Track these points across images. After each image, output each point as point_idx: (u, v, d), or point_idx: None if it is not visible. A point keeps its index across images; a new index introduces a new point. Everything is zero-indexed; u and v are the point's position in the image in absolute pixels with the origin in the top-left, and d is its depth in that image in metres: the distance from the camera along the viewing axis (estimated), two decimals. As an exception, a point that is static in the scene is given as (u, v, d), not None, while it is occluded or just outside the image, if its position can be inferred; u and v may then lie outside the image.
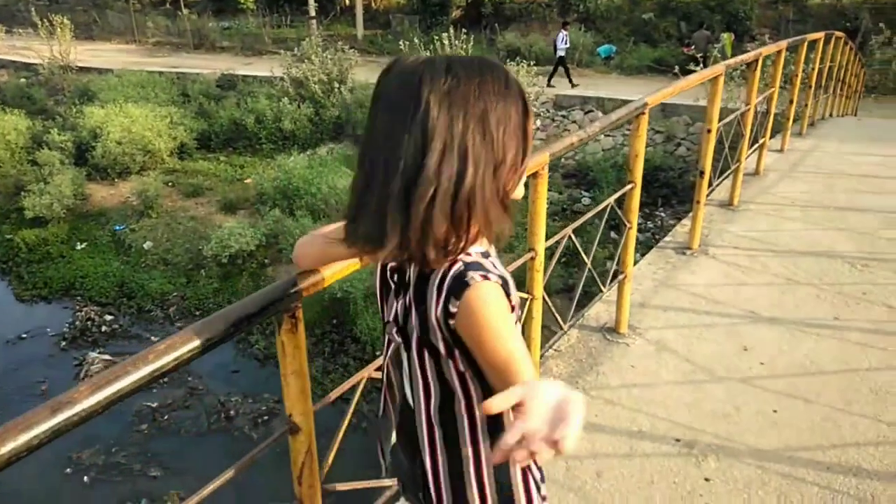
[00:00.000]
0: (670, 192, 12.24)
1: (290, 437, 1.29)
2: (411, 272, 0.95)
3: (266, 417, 7.41)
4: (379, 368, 1.30)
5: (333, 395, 1.42)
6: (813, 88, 6.88)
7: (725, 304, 3.33)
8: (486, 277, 0.87)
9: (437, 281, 0.90)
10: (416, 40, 14.66)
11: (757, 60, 4.32)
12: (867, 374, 2.75)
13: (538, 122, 14.24)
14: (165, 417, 7.23)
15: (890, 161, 6.10)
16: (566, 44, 15.15)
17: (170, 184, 11.98)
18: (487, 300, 0.87)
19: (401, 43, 15.52)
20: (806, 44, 5.87)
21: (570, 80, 15.12)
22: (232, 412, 7.48)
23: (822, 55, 6.68)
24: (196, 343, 1.03)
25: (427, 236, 0.83)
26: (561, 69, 15.07)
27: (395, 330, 1.00)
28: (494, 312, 0.87)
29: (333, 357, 8.96)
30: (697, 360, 2.86)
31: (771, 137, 5.86)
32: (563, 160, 13.53)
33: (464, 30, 14.81)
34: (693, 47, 16.34)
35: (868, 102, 14.03)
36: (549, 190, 10.38)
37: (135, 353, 0.99)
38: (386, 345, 1.06)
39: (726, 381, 2.71)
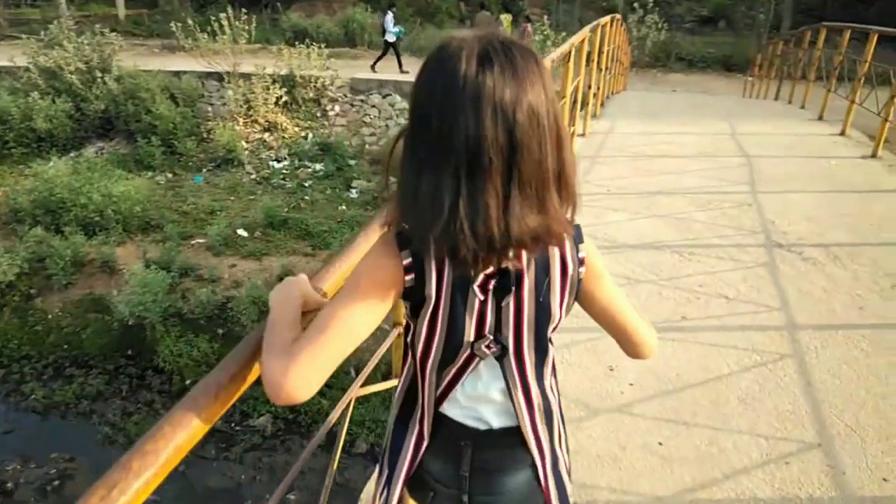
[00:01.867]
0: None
1: None
2: (524, 261, 0.94)
3: (57, 482, 6.23)
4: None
5: None
6: (604, 70, 7.15)
7: (579, 316, 3.16)
8: None
9: (556, 249, 0.97)
10: (189, 21, 13.23)
11: (570, 49, 4.23)
12: (730, 379, 2.72)
13: (337, 108, 13.68)
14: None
15: (677, 139, 6.50)
16: (396, 27, 14.42)
17: None
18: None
19: (171, 24, 13.94)
20: (600, 27, 6.00)
21: (400, 66, 14.40)
22: (10, 484, 6.18)
23: (608, 37, 6.93)
24: None
25: (572, 216, 0.92)
26: (388, 53, 14.36)
27: (485, 344, 1.00)
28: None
29: (134, 394, 7.86)
30: (568, 390, 2.64)
31: (573, 123, 5.94)
32: (367, 146, 13.12)
33: (243, 9, 13.68)
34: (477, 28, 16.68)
35: (630, 75, 15.34)
36: (356, 178, 9.79)
37: None
38: (459, 367, 1.02)
39: (603, 414, 2.52)
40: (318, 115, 13.61)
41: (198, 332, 8.72)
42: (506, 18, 16.45)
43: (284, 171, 12.62)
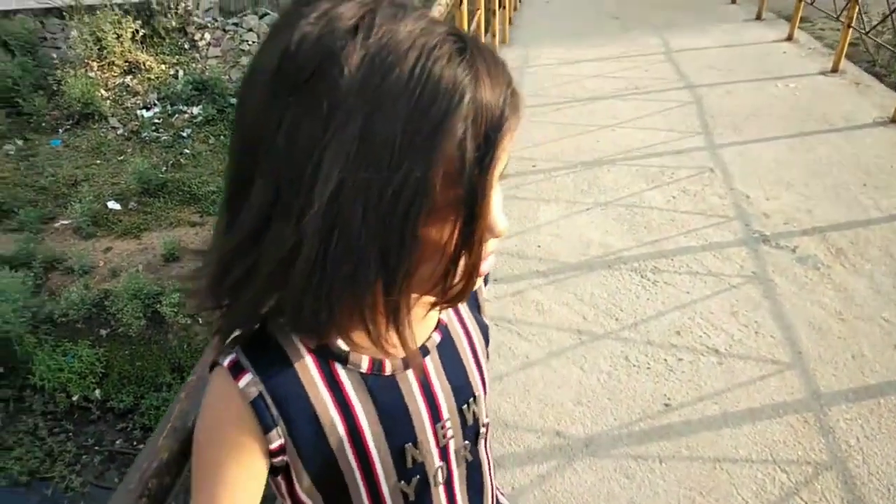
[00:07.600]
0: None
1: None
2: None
3: None
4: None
5: None
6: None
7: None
8: None
9: None
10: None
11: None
12: (755, 539, 1.82)
13: (207, 36, 11.76)
14: None
15: (605, 67, 5.39)
16: None
17: None
18: None
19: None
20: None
21: None
22: None
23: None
24: None
25: None
26: None
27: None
28: None
29: (13, 421, 6.70)
30: None
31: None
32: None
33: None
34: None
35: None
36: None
37: None
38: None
39: None
40: (187, 46, 11.69)
41: (76, 339, 7.51)
42: None
43: (156, 121, 10.87)
